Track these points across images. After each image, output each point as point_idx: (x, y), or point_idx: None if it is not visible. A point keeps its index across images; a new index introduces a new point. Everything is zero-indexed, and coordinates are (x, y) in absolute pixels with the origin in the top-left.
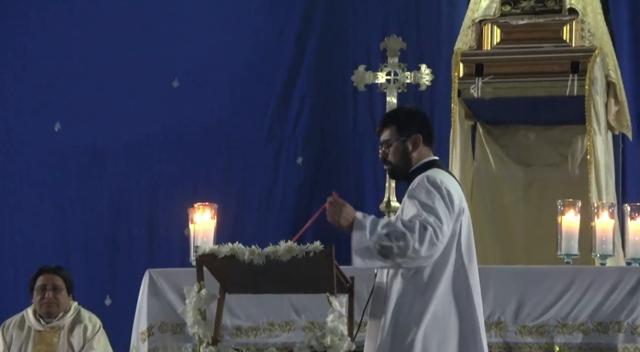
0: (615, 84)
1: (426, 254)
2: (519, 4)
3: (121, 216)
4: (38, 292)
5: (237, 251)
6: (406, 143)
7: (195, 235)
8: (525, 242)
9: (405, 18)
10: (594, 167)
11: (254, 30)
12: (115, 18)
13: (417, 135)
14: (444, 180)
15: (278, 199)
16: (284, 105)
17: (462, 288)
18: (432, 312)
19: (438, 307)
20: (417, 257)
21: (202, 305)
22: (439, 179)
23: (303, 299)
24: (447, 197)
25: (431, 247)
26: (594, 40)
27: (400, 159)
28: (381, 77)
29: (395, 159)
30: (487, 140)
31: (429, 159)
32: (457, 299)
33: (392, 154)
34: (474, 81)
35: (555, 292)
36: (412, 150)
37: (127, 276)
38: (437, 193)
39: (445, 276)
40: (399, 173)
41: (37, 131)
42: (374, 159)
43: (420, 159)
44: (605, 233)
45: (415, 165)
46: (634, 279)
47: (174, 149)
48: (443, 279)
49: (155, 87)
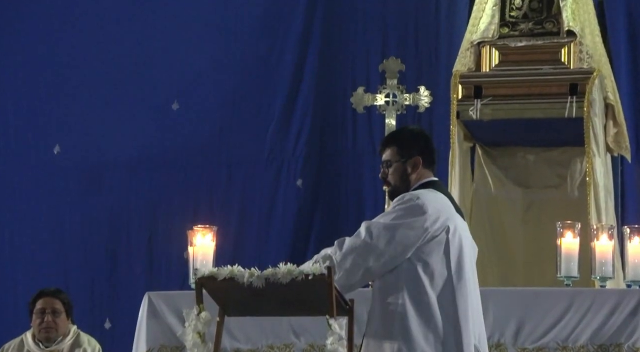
0: (613, 106)
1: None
2: (517, 26)
3: (121, 239)
4: (37, 316)
5: (236, 273)
6: (406, 165)
7: (194, 257)
8: (524, 263)
9: (404, 40)
10: (593, 189)
11: (253, 52)
12: (114, 40)
13: (417, 158)
14: (423, 196)
15: (278, 221)
16: (283, 126)
17: (449, 303)
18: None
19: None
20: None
21: (201, 328)
22: (416, 195)
23: (303, 321)
24: (414, 209)
25: (355, 239)
26: (592, 62)
27: (399, 180)
28: (380, 99)
29: (394, 180)
30: (486, 161)
31: (427, 180)
32: (442, 313)
33: (392, 174)
34: (472, 103)
35: (555, 314)
36: (411, 172)
37: (126, 298)
38: (403, 205)
39: (429, 294)
40: (397, 194)
41: (37, 154)
42: (373, 180)
43: (419, 180)
44: (604, 255)
45: (413, 186)
46: (634, 301)
47: (174, 171)
48: (425, 297)
49: (154, 109)
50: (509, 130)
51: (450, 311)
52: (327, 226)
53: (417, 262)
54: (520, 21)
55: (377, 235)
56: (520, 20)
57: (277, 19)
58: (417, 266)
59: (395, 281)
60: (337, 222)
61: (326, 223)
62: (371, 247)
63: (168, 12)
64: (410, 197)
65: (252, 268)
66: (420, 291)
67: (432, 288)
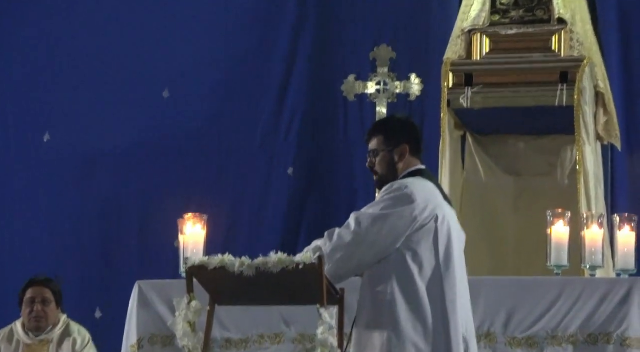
0: (604, 94)
1: (343, 237)
2: (508, 13)
3: (112, 227)
4: (27, 305)
5: (227, 262)
6: (393, 153)
7: (185, 246)
8: (514, 252)
9: (395, 28)
10: (584, 177)
11: (246, 41)
12: (104, 28)
13: (404, 146)
14: (411, 185)
15: (269, 210)
16: (275, 115)
17: (437, 293)
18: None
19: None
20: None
21: (192, 317)
22: (404, 184)
23: (293, 310)
24: (403, 197)
25: (345, 232)
26: (583, 50)
27: (387, 169)
28: (371, 87)
29: (381, 169)
30: (476, 150)
31: (414, 169)
32: (431, 302)
33: (379, 163)
34: (463, 91)
35: (545, 304)
36: (398, 160)
37: (118, 288)
38: (392, 194)
39: (418, 283)
40: (385, 183)
41: (26, 142)
42: (365, 169)
43: (407, 168)
44: (594, 244)
45: (401, 175)
46: (624, 290)
47: (165, 159)
48: (412, 286)
49: (145, 97)
50: (499, 118)
51: (439, 301)
52: (319, 214)
53: (406, 252)
54: (511, 9)
55: (367, 226)
56: (511, 8)
57: (269, 7)
58: (406, 255)
59: (384, 271)
60: (328, 211)
61: (318, 212)
62: (361, 238)
63: (160, 2)
64: (398, 186)
65: (243, 257)
66: (409, 280)
67: (420, 277)
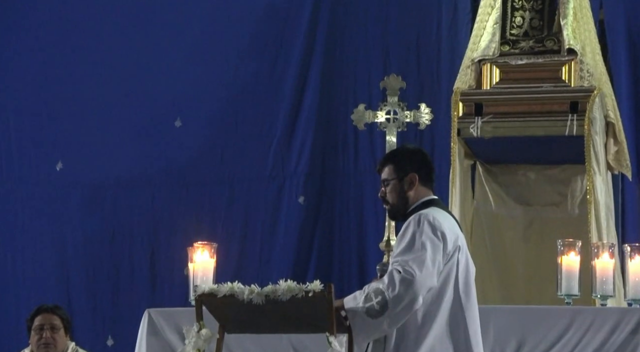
0: (614, 124)
1: (405, 296)
2: (518, 44)
3: (123, 256)
4: (36, 332)
5: (236, 290)
6: (402, 182)
7: (194, 274)
8: (525, 281)
9: (405, 57)
10: (594, 207)
11: (256, 70)
12: (116, 58)
13: (413, 175)
14: (437, 217)
15: (280, 238)
16: (285, 144)
17: (460, 325)
18: (430, 349)
19: (436, 344)
20: (398, 303)
21: (201, 345)
22: (432, 216)
23: (302, 338)
24: (437, 232)
25: (407, 288)
26: (592, 80)
27: (397, 198)
28: (381, 116)
29: (392, 198)
30: (486, 179)
31: (427, 198)
32: (453, 336)
33: (389, 193)
34: (473, 120)
35: (556, 333)
36: (407, 189)
37: (129, 316)
38: (426, 229)
39: (441, 313)
40: (397, 213)
41: (39, 170)
42: (374, 197)
43: (418, 198)
44: (605, 273)
45: (413, 204)
46: (635, 319)
47: (176, 188)
48: (439, 316)
49: (158, 127)
50: (509, 147)
51: (462, 331)
52: (329, 243)
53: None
54: (521, 39)
55: (425, 268)
56: (521, 38)
57: (279, 37)
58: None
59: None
60: (338, 240)
61: (328, 240)
62: (423, 283)
63: (171, 31)
64: (424, 219)
65: (252, 285)
66: (434, 312)
67: (442, 309)
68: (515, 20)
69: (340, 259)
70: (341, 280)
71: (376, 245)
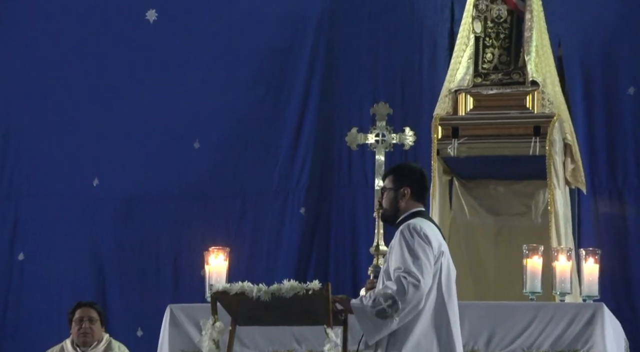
0: (571, 146)
1: (413, 298)
2: (489, 76)
3: (150, 259)
4: (76, 323)
5: (246, 288)
6: (397, 193)
7: (210, 275)
8: (495, 280)
9: (392, 87)
10: (554, 216)
11: (264, 99)
12: (145, 90)
13: (406, 188)
14: (423, 226)
15: (284, 244)
16: (289, 163)
17: (442, 320)
18: (417, 342)
19: (422, 337)
20: (408, 304)
21: (216, 336)
22: (419, 226)
23: (303, 330)
24: (426, 240)
25: (415, 291)
26: (552, 108)
27: (389, 204)
28: (371, 138)
29: (386, 204)
30: (462, 192)
31: (415, 210)
32: (438, 330)
33: (385, 199)
34: (450, 142)
35: (521, 325)
36: (400, 199)
37: (156, 310)
38: (417, 238)
39: (427, 310)
40: (387, 217)
41: (78, 186)
42: (366, 208)
43: (408, 209)
44: (564, 274)
45: (403, 214)
46: (589, 313)
47: (195, 201)
48: (425, 313)
49: (179, 148)
50: (482, 165)
51: (444, 324)
52: (326, 247)
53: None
54: (492, 72)
55: (425, 273)
56: (492, 72)
57: (284, 70)
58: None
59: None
60: (334, 245)
61: (325, 245)
62: (426, 286)
63: (190, 66)
64: (413, 230)
65: (260, 284)
66: (422, 309)
67: (428, 305)
68: (486, 56)
69: (336, 262)
70: (337, 279)
71: (367, 249)
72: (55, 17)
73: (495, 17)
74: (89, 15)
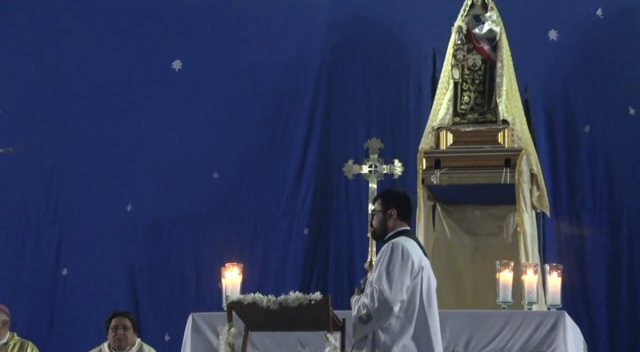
0: (537, 176)
1: (380, 310)
2: (466, 116)
3: (176, 274)
4: (112, 330)
5: (257, 299)
6: (385, 214)
7: (226, 287)
8: (472, 292)
9: (383, 125)
10: (523, 236)
11: (272, 133)
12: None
13: (393, 210)
14: (405, 244)
15: (290, 260)
16: (294, 191)
17: (423, 327)
18: (402, 345)
19: (405, 340)
20: (377, 313)
21: (231, 340)
22: (401, 244)
23: (307, 335)
24: (404, 257)
25: (382, 304)
26: (521, 143)
27: (378, 224)
28: (365, 169)
29: (376, 224)
30: (444, 215)
31: (401, 229)
32: (417, 336)
33: (375, 219)
34: (433, 172)
35: (495, 330)
36: (388, 219)
37: (180, 318)
38: (395, 256)
39: (409, 317)
40: (377, 235)
41: (113, 211)
42: (360, 230)
43: (395, 228)
44: (531, 286)
45: (390, 232)
46: (553, 320)
47: (214, 223)
48: (407, 319)
49: (199, 178)
50: (460, 192)
51: (424, 331)
52: (326, 263)
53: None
54: (468, 112)
55: (394, 288)
56: (468, 112)
57: (290, 111)
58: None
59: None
60: (333, 261)
61: (325, 261)
62: (394, 298)
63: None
64: (395, 248)
65: (270, 295)
66: (405, 317)
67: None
68: (463, 98)
69: (335, 276)
70: (336, 291)
71: (361, 265)
72: (96, 66)
73: (471, 66)
74: (127, 64)
